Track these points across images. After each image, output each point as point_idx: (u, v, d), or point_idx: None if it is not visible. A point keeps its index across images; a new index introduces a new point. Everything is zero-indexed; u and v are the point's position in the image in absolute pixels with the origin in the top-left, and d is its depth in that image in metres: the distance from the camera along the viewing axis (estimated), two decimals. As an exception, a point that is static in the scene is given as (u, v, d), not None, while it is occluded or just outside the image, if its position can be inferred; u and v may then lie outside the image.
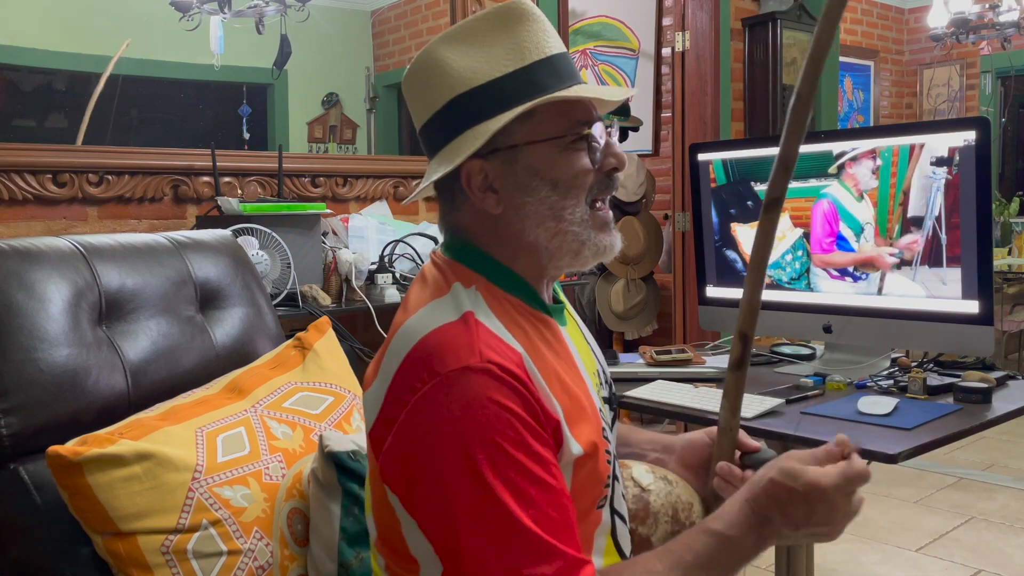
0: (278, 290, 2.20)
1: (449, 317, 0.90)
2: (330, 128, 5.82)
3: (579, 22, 4.95)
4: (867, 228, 1.80)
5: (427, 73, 0.97)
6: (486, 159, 0.94)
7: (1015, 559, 2.73)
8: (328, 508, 1.16)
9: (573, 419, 0.91)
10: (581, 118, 0.96)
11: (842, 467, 0.88)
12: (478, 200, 0.95)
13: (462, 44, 0.95)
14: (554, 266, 0.98)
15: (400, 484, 0.88)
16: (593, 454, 0.92)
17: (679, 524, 1.05)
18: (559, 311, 1.02)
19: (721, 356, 2.03)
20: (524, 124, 0.93)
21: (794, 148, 0.91)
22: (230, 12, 4.17)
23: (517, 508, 0.81)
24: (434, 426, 0.84)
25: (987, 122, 1.63)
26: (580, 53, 5.01)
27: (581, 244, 0.96)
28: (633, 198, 3.98)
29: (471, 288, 0.93)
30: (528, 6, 0.97)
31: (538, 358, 0.91)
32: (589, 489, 0.94)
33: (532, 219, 0.95)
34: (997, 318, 3.61)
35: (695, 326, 3.87)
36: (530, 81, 0.93)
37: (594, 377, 1.02)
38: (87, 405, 1.22)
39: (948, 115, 6.53)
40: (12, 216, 2.18)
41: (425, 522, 0.86)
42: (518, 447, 0.83)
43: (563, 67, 0.96)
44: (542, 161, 0.94)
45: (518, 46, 0.94)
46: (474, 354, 0.85)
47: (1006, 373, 1.77)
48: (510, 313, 0.94)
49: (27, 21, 3.65)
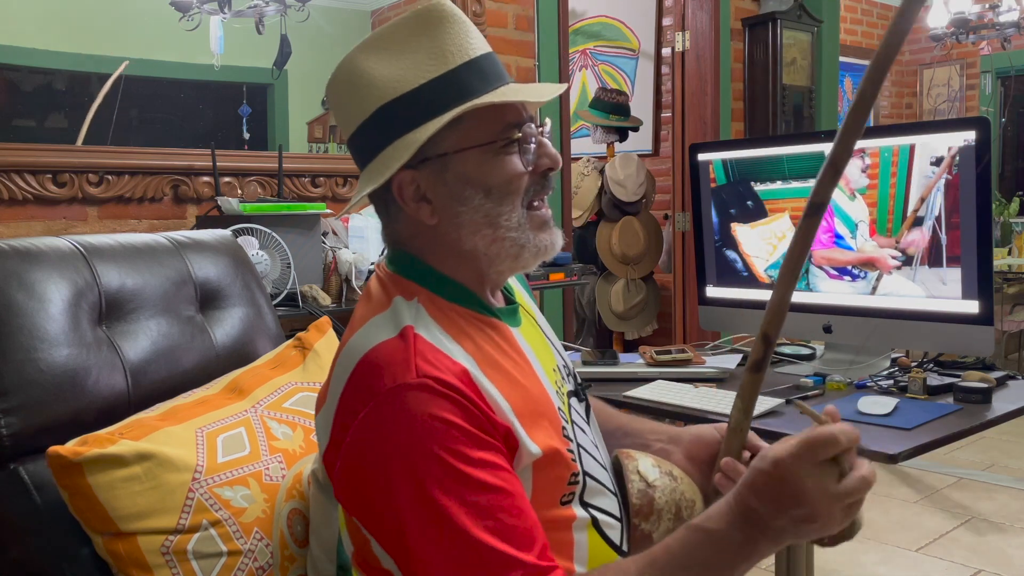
0: (278, 290, 2.20)
1: (388, 334, 0.89)
2: (330, 128, 5.82)
3: (579, 22, 4.95)
4: (861, 226, 1.80)
5: (350, 84, 0.94)
6: (416, 169, 0.92)
7: (1015, 559, 2.73)
8: (328, 509, 1.16)
9: (528, 421, 0.90)
10: (511, 120, 0.93)
11: (802, 433, 0.81)
12: (412, 211, 0.93)
13: (383, 52, 0.93)
14: (495, 271, 0.97)
15: (354, 507, 0.88)
16: (553, 455, 0.91)
17: (681, 522, 1.03)
18: (511, 312, 1.01)
19: (721, 356, 2.03)
20: (452, 131, 0.91)
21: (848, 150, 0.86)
22: (230, 12, 4.17)
23: (468, 522, 0.80)
24: (377, 448, 0.83)
25: (987, 122, 1.63)
26: (580, 53, 5.01)
27: (520, 248, 0.95)
28: (633, 198, 3.98)
29: (413, 301, 0.92)
30: (448, 8, 0.95)
31: (487, 364, 0.90)
32: (552, 488, 0.92)
33: (468, 227, 0.93)
34: (997, 318, 3.61)
35: (695, 326, 3.87)
36: (456, 86, 0.91)
37: (552, 375, 1.01)
38: (87, 405, 1.22)
39: (948, 115, 6.54)
40: (12, 216, 2.18)
41: (383, 541, 0.86)
42: (462, 459, 0.81)
43: (489, 68, 0.94)
44: (473, 168, 0.92)
45: (440, 50, 0.92)
46: (410, 370, 0.84)
47: (1006, 373, 1.77)
48: (456, 322, 0.92)
49: (27, 21, 3.64)
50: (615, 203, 3.96)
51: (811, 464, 0.80)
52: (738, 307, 2.05)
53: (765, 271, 2.00)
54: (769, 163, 1.95)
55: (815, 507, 0.80)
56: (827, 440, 0.80)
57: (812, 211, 0.88)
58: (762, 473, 0.82)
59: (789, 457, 0.81)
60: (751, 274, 2.02)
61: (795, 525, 0.82)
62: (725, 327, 2.16)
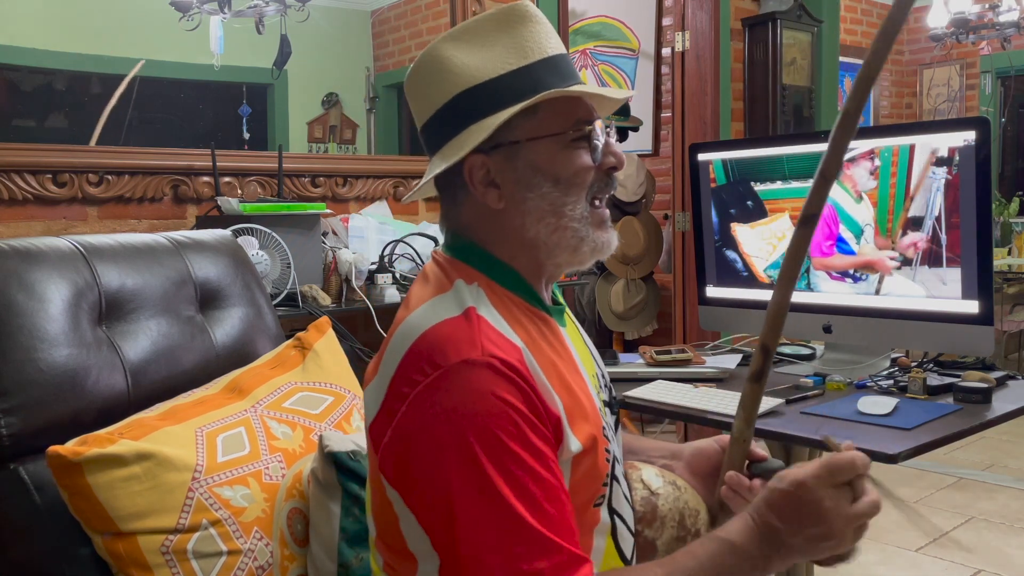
0: (278, 290, 2.20)
1: (451, 312, 0.90)
2: (330, 128, 5.82)
3: (579, 22, 4.95)
4: (867, 229, 1.80)
5: (430, 71, 0.97)
6: (488, 154, 0.94)
7: (1015, 559, 2.72)
8: (328, 508, 1.16)
9: (573, 416, 0.91)
10: (582, 116, 0.97)
11: (823, 458, 0.87)
12: (480, 195, 0.95)
13: (465, 43, 0.96)
14: (553, 263, 0.99)
15: (399, 477, 0.88)
16: (592, 450, 0.92)
17: (685, 530, 1.05)
18: (559, 312, 1.03)
19: (721, 356, 2.03)
20: (526, 120, 0.94)
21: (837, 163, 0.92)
22: (230, 12, 4.17)
23: (516, 501, 0.81)
24: (434, 418, 0.84)
25: (987, 122, 1.63)
26: (580, 53, 5.01)
27: (580, 240, 0.97)
28: (633, 198, 3.98)
29: (473, 285, 0.94)
30: (530, 8, 0.98)
31: (539, 355, 0.91)
32: (587, 487, 0.93)
33: (533, 214, 0.95)
34: (997, 318, 3.61)
35: (695, 326, 3.87)
36: (532, 79, 0.94)
37: (594, 379, 1.03)
38: (87, 405, 1.22)
39: (948, 115, 6.54)
40: (12, 216, 2.18)
41: (423, 515, 0.86)
42: (518, 441, 0.83)
43: (564, 67, 0.97)
44: (544, 157, 0.95)
45: (520, 46, 0.95)
46: (475, 348, 0.85)
47: (1006, 373, 1.77)
48: (511, 310, 0.94)
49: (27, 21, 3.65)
50: (615, 203, 3.96)
51: (829, 486, 0.86)
52: (738, 307, 2.05)
53: (765, 271, 2.00)
54: (769, 163, 1.95)
55: (832, 526, 0.86)
56: (847, 465, 0.87)
57: (804, 222, 0.93)
58: (783, 493, 0.87)
59: (811, 479, 0.86)
60: (751, 274, 2.02)
61: (810, 543, 0.87)
62: (725, 327, 2.16)
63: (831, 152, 0.91)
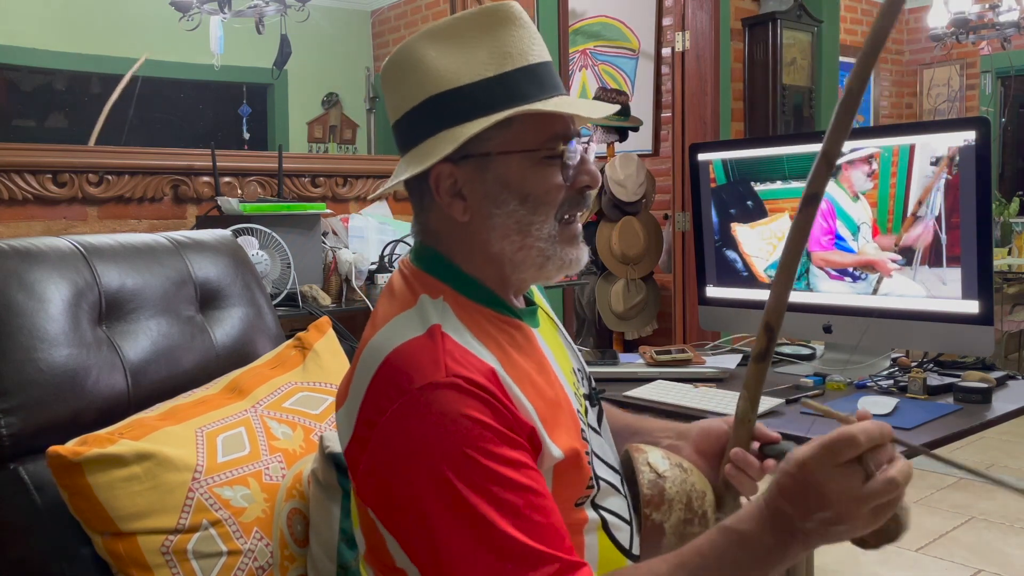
0: (278, 290, 2.20)
1: (415, 332, 0.88)
2: (330, 128, 5.83)
3: (579, 22, 4.95)
4: (863, 228, 1.80)
5: (403, 69, 0.94)
6: (457, 164, 0.92)
7: (1015, 559, 2.73)
8: (328, 509, 1.16)
9: (550, 424, 0.90)
10: (559, 132, 0.93)
11: (822, 437, 0.80)
12: (445, 205, 0.93)
13: (443, 42, 0.93)
14: (518, 278, 0.97)
15: (378, 505, 0.87)
16: (574, 458, 0.91)
17: (692, 512, 1.04)
18: (531, 314, 1.01)
19: (721, 356, 2.04)
20: (499, 132, 0.91)
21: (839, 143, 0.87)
22: (230, 12, 4.17)
23: (499, 519, 0.80)
24: (405, 446, 0.83)
25: (987, 122, 1.63)
26: (580, 53, 5.01)
27: (546, 259, 0.94)
28: (633, 198, 3.98)
29: (438, 299, 0.92)
30: (515, 10, 0.94)
31: (511, 366, 0.90)
32: (569, 492, 0.93)
33: (498, 231, 0.93)
34: (997, 318, 3.61)
35: (695, 326, 3.87)
36: (510, 88, 0.91)
37: (570, 376, 1.01)
38: (87, 405, 1.22)
39: (948, 115, 6.54)
40: (12, 216, 2.18)
41: (406, 543, 0.85)
42: (492, 458, 0.81)
43: (546, 77, 0.94)
44: (514, 172, 0.92)
45: (501, 51, 0.92)
46: (439, 369, 0.84)
47: (1006, 373, 1.77)
48: (479, 323, 0.92)
49: (27, 21, 3.65)
50: (615, 203, 3.96)
51: (831, 466, 0.79)
52: (738, 307, 2.05)
53: (765, 271, 2.00)
54: (769, 163, 1.95)
55: (839, 509, 0.79)
56: (846, 441, 0.79)
57: (807, 202, 0.89)
58: (788, 476, 0.82)
59: (810, 460, 0.80)
60: (751, 274, 2.02)
61: (823, 527, 0.81)
62: (725, 327, 2.16)
63: (833, 130, 0.86)
